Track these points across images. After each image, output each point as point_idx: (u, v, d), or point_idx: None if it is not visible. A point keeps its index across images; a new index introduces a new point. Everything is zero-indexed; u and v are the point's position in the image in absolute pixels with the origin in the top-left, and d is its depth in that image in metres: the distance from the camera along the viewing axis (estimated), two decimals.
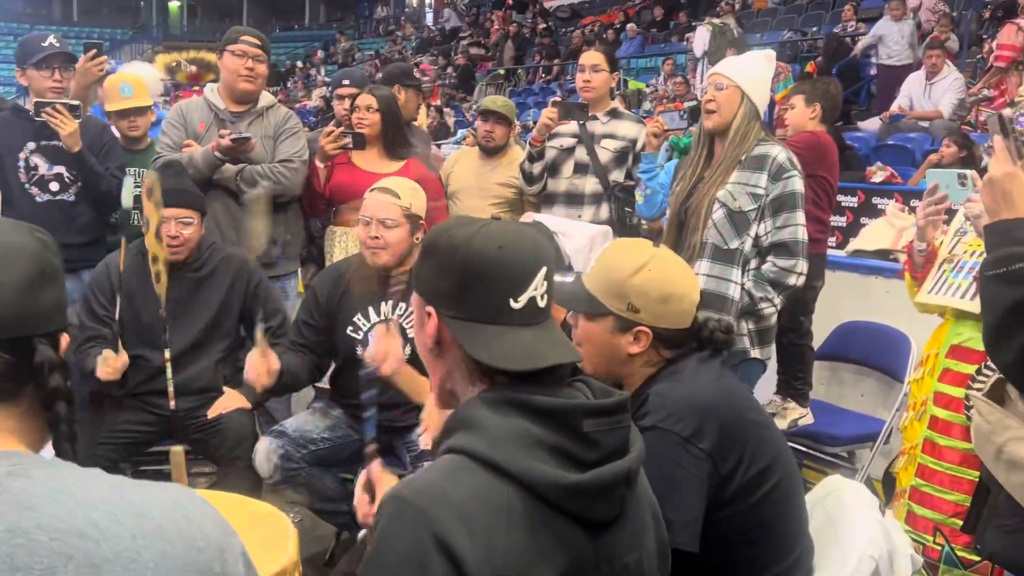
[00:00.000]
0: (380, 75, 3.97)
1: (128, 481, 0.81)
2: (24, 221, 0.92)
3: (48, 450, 0.85)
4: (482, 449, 1.04)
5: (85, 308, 2.77)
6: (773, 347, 2.69)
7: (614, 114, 3.45)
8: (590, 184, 3.39)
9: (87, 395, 2.78)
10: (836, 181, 3.57)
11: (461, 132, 11.00)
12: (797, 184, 2.53)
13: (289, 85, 20.45)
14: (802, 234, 2.53)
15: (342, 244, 3.38)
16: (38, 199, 3.09)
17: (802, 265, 2.53)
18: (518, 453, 1.04)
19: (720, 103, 2.56)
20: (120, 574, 0.73)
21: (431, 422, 2.12)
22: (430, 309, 1.15)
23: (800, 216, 2.53)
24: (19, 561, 0.70)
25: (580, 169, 3.40)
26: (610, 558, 1.10)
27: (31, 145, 3.08)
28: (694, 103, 3.91)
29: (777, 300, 2.54)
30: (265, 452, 2.53)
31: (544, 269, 1.14)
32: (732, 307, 2.51)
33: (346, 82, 3.83)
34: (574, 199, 3.41)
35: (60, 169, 3.10)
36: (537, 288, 1.13)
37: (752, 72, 2.61)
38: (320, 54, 23.37)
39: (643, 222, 3.44)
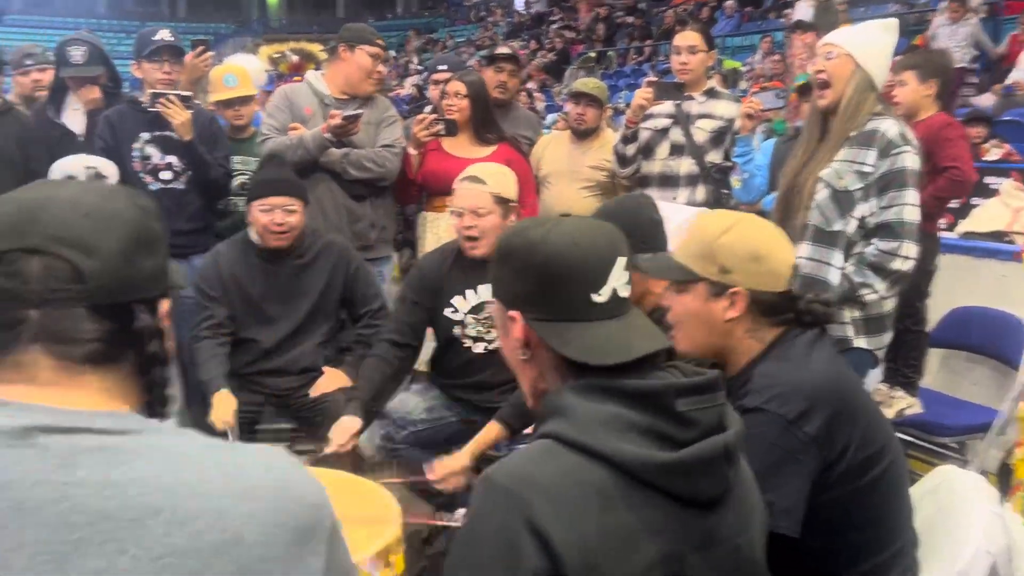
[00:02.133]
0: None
1: (223, 443, 0.83)
2: None
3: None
4: (571, 433, 1.04)
5: (198, 291, 2.89)
6: (887, 337, 2.50)
7: (711, 93, 3.37)
8: (685, 165, 3.33)
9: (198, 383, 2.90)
10: (969, 168, 3.37)
11: (552, 116, 10.96)
12: (908, 160, 2.36)
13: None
14: (910, 214, 2.35)
15: (434, 229, 3.43)
16: (151, 187, 3.24)
17: (908, 248, 2.35)
18: (609, 436, 1.03)
19: (830, 73, 2.40)
20: (206, 531, 0.75)
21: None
22: (514, 313, 1.15)
23: (910, 195, 2.36)
24: (109, 511, 0.73)
25: (675, 150, 3.34)
26: (719, 540, 1.08)
27: (145, 135, 3.23)
28: (804, 79, 3.76)
29: (880, 286, 2.37)
30: (367, 432, 2.60)
31: (622, 259, 1.14)
32: (832, 293, 2.40)
33: (442, 67, 3.87)
34: (668, 181, 3.36)
35: (172, 158, 3.25)
36: (617, 279, 1.13)
37: (865, 40, 2.43)
38: (414, 43, 23.65)
39: (741, 205, 3.36)
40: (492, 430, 2.38)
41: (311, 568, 0.81)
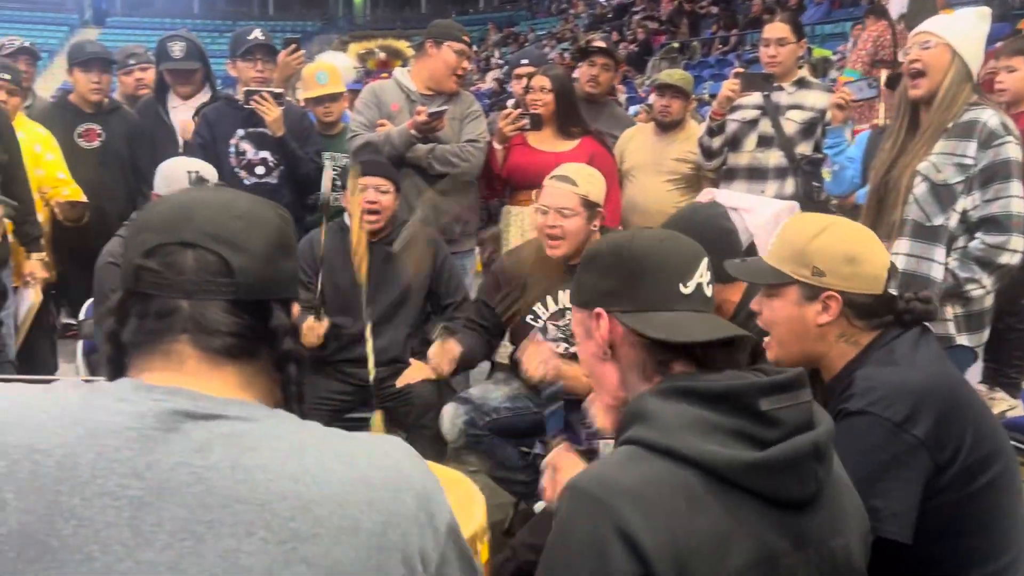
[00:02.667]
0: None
1: (342, 432, 0.87)
2: None
3: None
4: (655, 437, 1.04)
5: None
6: (986, 333, 2.43)
7: (802, 83, 3.28)
8: (774, 157, 3.26)
9: None
10: None
11: (634, 108, 10.86)
12: (1012, 151, 2.28)
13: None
14: (1017, 207, 2.27)
15: (518, 223, 3.45)
16: (246, 182, 3.36)
17: (1016, 241, 2.27)
18: (694, 438, 1.03)
19: (927, 63, 2.32)
20: (328, 517, 0.78)
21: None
22: (599, 310, 1.17)
23: (1016, 187, 2.27)
24: (240, 494, 0.78)
25: (764, 142, 3.27)
26: (812, 542, 1.07)
27: (240, 132, 3.36)
28: (891, 68, 3.64)
29: (987, 281, 2.30)
30: (451, 417, 2.65)
31: (705, 260, 1.18)
32: (935, 290, 2.32)
33: (524, 61, 3.89)
34: (756, 173, 3.29)
35: (265, 154, 3.36)
36: (702, 276, 1.17)
37: (963, 28, 2.35)
38: (494, 37, 23.76)
39: (832, 199, 3.27)
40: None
41: (427, 554, 0.84)
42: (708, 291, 1.18)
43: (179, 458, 0.79)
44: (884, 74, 3.99)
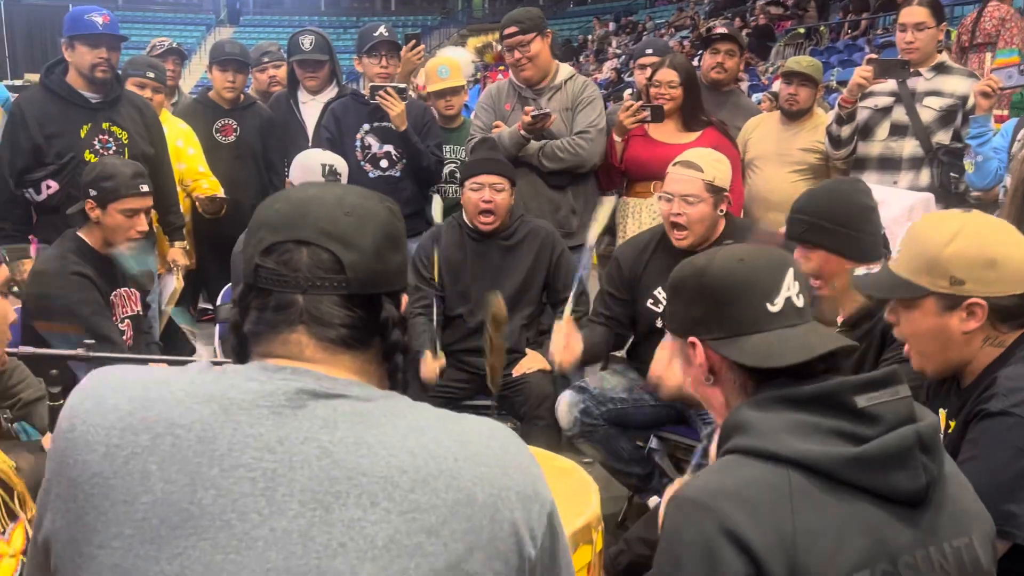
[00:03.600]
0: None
1: (451, 414, 0.91)
2: None
3: None
4: (754, 443, 1.05)
5: (412, 271, 3.07)
6: None
7: (941, 68, 3.11)
8: (909, 147, 3.10)
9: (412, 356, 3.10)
10: None
11: (757, 97, 10.54)
12: None
13: (581, 59, 20.87)
14: None
15: (635, 216, 3.42)
16: (371, 175, 3.47)
17: None
18: (794, 440, 1.03)
19: None
20: (443, 490, 0.82)
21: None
22: (693, 339, 1.19)
23: None
24: (364, 467, 0.82)
25: (897, 131, 3.12)
26: (934, 540, 1.04)
27: (366, 126, 3.47)
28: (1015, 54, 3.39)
29: None
30: (567, 404, 2.66)
31: (791, 269, 1.16)
32: None
33: (649, 51, 3.84)
34: (889, 164, 3.14)
35: (389, 147, 3.46)
36: (789, 288, 1.15)
37: None
38: (612, 26, 23.54)
39: (972, 191, 3.08)
40: None
41: (534, 531, 0.86)
42: (799, 301, 1.16)
43: (307, 433, 0.84)
44: None
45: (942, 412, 1.51)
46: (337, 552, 0.80)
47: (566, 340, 2.48)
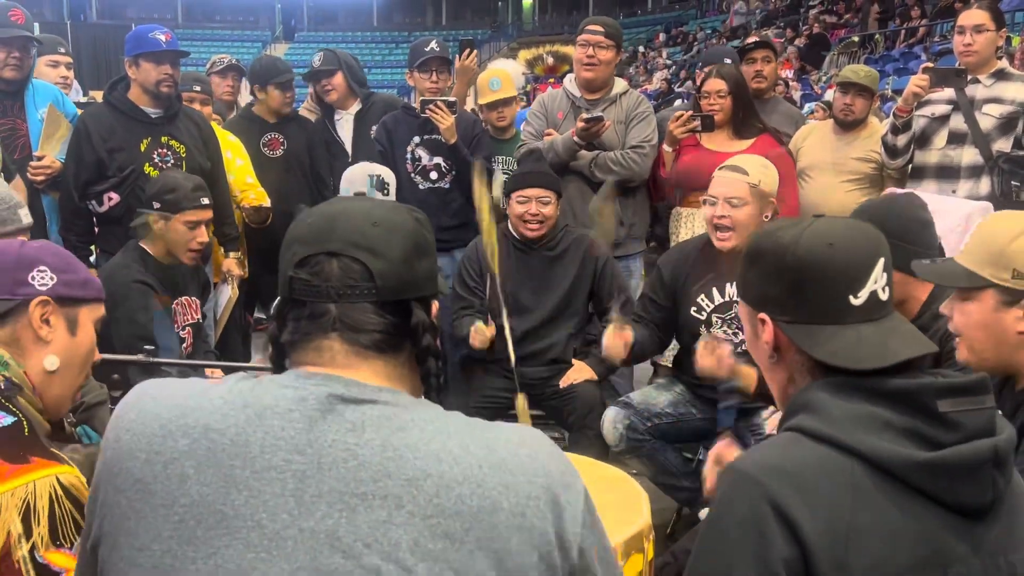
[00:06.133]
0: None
1: (482, 422, 0.92)
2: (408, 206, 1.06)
3: None
4: (820, 427, 1.01)
5: (459, 281, 3.09)
6: None
7: (1000, 75, 3.04)
8: (968, 155, 3.03)
9: (460, 360, 3.12)
10: None
11: (809, 106, 10.40)
12: None
13: (631, 70, 20.84)
14: None
15: (688, 225, 3.40)
16: (420, 187, 3.51)
17: None
18: (864, 433, 0.99)
19: None
20: (468, 497, 0.83)
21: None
22: (763, 316, 1.13)
23: None
24: (389, 470, 0.84)
25: (955, 139, 3.05)
26: (988, 553, 1.01)
27: (416, 139, 3.51)
28: None
29: None
30: (612, 420, 2.65)
31: (882, 260, 1.09)
32: None
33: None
34: (947, 172, 3.07)
35: (439, 160, 3.50)
36: (877, 281, 1.08)
37: None
38: (662, 37, 23.46)
39: None
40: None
41: (565, 540, 0.86)
42: (884, 295, 1.09)
43: (335, 436, 0.86)
44: None
45: None
46: (362, 553, 0.82)
47: (618, 335, 2.47)
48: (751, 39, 3.98)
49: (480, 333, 2.85)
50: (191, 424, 0.88)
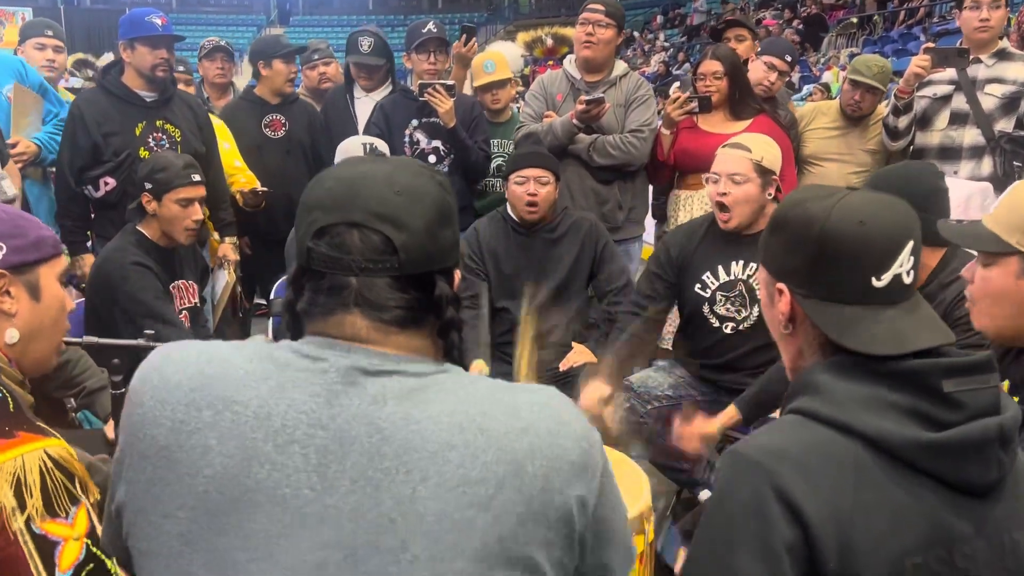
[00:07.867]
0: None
1: (505, 384, 0.91)
2: None
3: None
4: (824, 409, 1.00)
5: (461, 265, 3.07)
6: None
7: (1002, 55, 3.02)
8: (969, 136, 3.02)
9: None
10: None
11: (807, 88, 10.36)
12: None
13: (628, 53, 20.73)
14: None
15: (686, 207, 3.38)
16: None
17: None
18: (868, 414, 0.99)
19: None
20: (494, 464, 0.83)
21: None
22: (781, 286, 1.11)
23: None
24: (414, 443, 0.83)
25: (957, 119, 3.04)
26: (993, 532, 1.00)
27: (415, 122, 3.48)
28: None
29: None
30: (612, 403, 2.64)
31: (911, 243, 1.06)
32: None
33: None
34: (949, 153, 3.06)
35: (437, 143, 3.47)
36: (903, 264, 1.05)
37: None
38: (659, 19, 23.33)
39: None
40: (731, 412, 2.33)
41: (585, 501, 0.86)
42: (908, 279, 1.06)
43: (357, 410, 0.85)
44: None
45: (1004, 384, 1.46)
46: (387, 528, 0.81)
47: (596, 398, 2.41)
48: (726, 18, 3.94)
49: (477, 368, 2.83)
50: (215, 395, 0.86)
